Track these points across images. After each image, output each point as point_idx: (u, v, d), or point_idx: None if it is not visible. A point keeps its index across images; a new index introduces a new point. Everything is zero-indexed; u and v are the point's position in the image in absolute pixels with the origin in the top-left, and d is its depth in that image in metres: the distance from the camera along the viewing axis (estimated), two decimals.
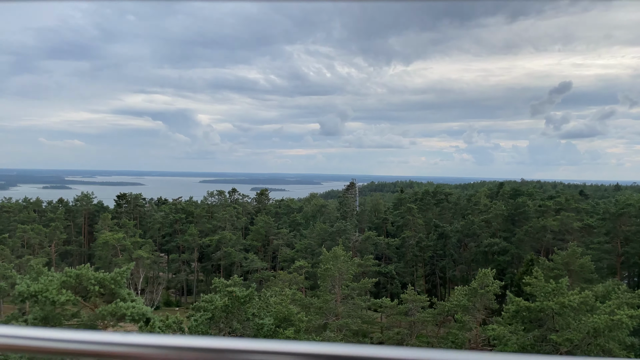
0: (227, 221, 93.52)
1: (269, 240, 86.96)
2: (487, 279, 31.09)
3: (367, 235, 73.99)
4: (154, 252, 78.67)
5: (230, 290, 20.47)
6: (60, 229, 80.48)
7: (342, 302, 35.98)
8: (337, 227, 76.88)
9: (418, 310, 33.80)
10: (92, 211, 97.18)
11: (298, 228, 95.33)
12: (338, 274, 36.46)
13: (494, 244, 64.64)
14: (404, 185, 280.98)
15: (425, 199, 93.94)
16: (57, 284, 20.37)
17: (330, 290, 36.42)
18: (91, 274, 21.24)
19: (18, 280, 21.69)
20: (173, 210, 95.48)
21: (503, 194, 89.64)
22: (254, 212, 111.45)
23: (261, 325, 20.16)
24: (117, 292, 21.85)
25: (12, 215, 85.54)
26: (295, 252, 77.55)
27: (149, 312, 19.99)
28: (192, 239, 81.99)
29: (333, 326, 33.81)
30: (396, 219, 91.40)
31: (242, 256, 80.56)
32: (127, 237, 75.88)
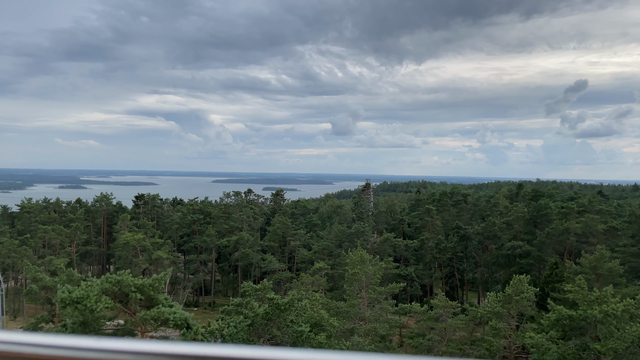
0: (244, 222, 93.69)
1: (286, 241, 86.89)
2: (522, 285, 30.51)
3: (385, 237, 73.50)
4: (172, 252, 79.07)
5: (271, 297, 20.30)
6: (81, 230, 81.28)
7: (369, 307, 35.67)
8: (355, 228, 76.53)
9: (449, 316, 33.30)
10: (111, 212, 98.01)
11: (314, 229, 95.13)
12: (365, 278, 36.16)
13: (517, 247, 63.75)
14: (416, 185, 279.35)
15: (443, 200, 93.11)
16: (97, 291, 20.37)
17: (356, 294, 36.12)
18: (131, 280, 21.22)
19: (59, 286, 21.74)
20: (191, 211, 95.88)
21: (524, 196, 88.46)
22: (269, 212, 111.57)
23: (300, 333, 19.96)
24: (155, 298, 21.82)
25: (33, 216, 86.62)
26: (313, 253, 77.38)
27: (189, 317, 19.91)
28: (210, 240, 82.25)
29: (360, 331, 33.52)
30: (414, 220, 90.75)
31: (260, 257, 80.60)
32: (146, 238, 76.34)
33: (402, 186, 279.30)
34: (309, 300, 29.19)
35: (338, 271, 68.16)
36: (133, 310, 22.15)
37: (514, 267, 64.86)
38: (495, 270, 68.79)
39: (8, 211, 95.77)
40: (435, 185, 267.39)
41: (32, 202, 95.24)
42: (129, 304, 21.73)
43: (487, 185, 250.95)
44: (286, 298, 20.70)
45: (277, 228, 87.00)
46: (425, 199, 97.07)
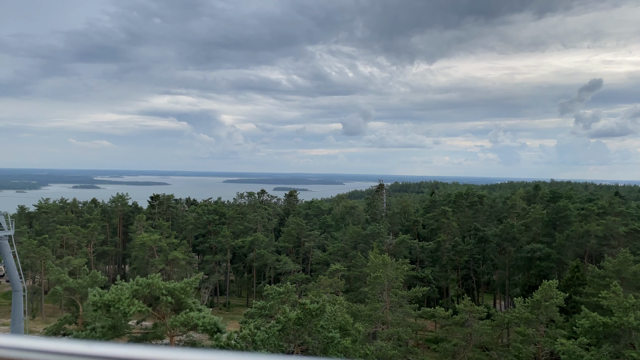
0: (259, 223, 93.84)
1: (301, 242, 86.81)
2: (552, 291, 29.93)
3: (401, 238, 72.98)
4: (188, 253, 79.39)
5: (303, 302, 20.14)
6: (98, 230, 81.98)
7: (391, 310, 35.32)
8: (371, 230, 76.11)
9: (475, 320, 32.79)
10: (126, 212, 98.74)
11: (329, 230, 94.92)
12: (387, 281, 35.80)
13: (536, 250, 62.86)
14: (428, 185, 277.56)
15: (458, 202, 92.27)
16: (128, 294, 20.36)
17: (377, 297, 35.81)
18: (162, 284, 21.19)
19: (90, 289, 21.80)
20: (205, 212, 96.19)
21: (541, 197, 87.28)
22: (283, 213, 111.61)
23: (331, 339, 19.72)
24: (184, 302, 21.77)
25: (51, 216, 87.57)
26: (328, 254, 77.12)
27: (219, 322, 19.81)
28: (225, 241, 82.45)
29: (383, 335, 33.21)
30: (429, 221, 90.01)
31: (275, 258, 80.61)
32: (162, 239, 76.75)
33: (413, 186, 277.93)
34: (333, 304, 28.95)
35: (354, 273, 67.88)
36: (162, 314, 22.13)
37: (533, 270, 64.01)
38: (513, 273, 67.91)
39: (26, 211, 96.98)
40: (447, 185, 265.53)
41: (49, 203, 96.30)
42: (158, 308, 21.72)
43: (500, 186, 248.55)
44: (317, 303, 20.52)
45: (292, 229, 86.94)
46: (441, 200, 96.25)
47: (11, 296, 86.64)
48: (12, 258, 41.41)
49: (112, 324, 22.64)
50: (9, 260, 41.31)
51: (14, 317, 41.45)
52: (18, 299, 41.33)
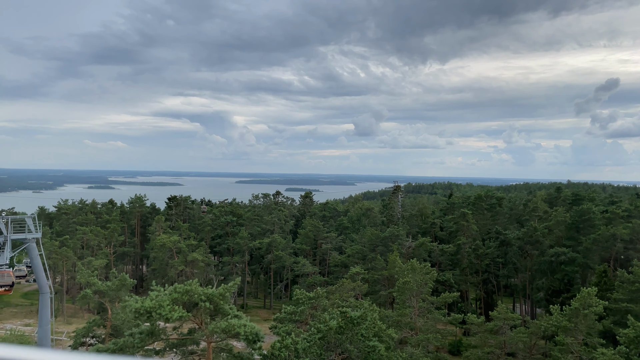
0: (276, 224, 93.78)
1: (317, 244, 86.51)
2: (591, 299, 29.14)
3: (421, 241, 72.26)
4: (207, 254, 79.55)
5: (344, 311, 19.81)
6: (118, 231, 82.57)
7: (420, 316, 34.80)
8: (390, 232, 75.51)
9: (508, 328, 32.12)
10: (144, 213, 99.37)
11: (345, 232, 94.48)
12: (417, 287, 35.30)
13: (561, 253, 61.74)
14: (442, 186, 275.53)
15: (478, 204, 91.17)
16: (168, 300, 20.21)
17: (407, 303, 35.31)
18: (200, 290, 21.01)
19: (128, 296, 21.68)
20: (222, 213, 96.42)
21: (564, 200, 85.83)
22: (299, 214, 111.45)
23: (372, 348, 19.34)
24: (222, 308, 21.56)
25: (71, 217, 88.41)
26: (347, 257, 76.67)
27: (260, 331, 19.56)
28: (243, 242, 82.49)
29: (413, 341, 32.71)
30: (448, 224, 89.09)
31: (293, 260, 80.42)
32: (181, 240, 77.02)
33: (427, 187, 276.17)
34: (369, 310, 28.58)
35: (374, 276, 67.38)
36: (200, 320, 21.95)
37: (557, 274, 62.87)
38: (536, 277, 66.78)
39: (45, 212, 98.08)
40: (461, 187, 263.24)
41: (68, 204, 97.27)
42: (197, 314, 21.55)
43: (516, 187, 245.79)
44: (359, 311, 20.17)
45: (309, 231, 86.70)
46: (459, 202, 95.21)
47: (30, 296, 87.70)
48: (39, 260, 41.69)
49: (150, 330, 22.53)
50: (37, 262, 41.59)
51: (41, 319, 41.69)
52: (45, 301, 41.56)
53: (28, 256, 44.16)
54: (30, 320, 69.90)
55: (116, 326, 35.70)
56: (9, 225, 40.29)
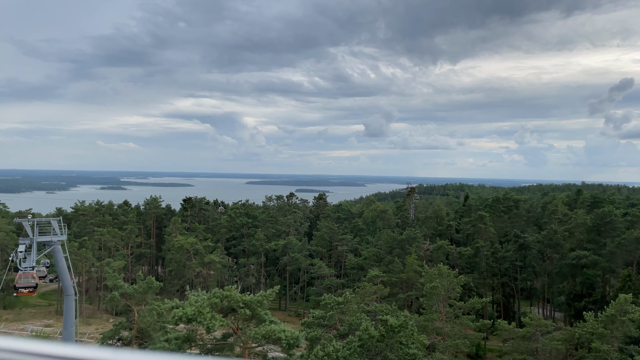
0: (291, 226, 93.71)
1: (333, 246, 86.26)
2: (627, 305, 28.54)
3: (439, 244, 71.71)
4: (223, 256, 79.70)
5: (384, 319, 19.59)
6: (135, 233, 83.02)
7: (448, 321, 34.41)
8: (407, 234, 75.05)
9: (541, 334, 31.57)
10: (159, 214, 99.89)
11: (360, 234, 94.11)
12: (444, 292, 34.95)
13: (582, 257, 60.86)
14: (454, 188, 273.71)
15: (495, 206, 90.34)
16: (207, 307, 20.11)
17: (434, 308, 34.94)
18: (238, 296, 20.89)
19: (165, 301, 21.63)
20: (237, 214, 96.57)
21: (582, 202, 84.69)
22: (312, 216, 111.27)
23: (412, 356, 19.08)
24: (258, 314, 21.42)
25: (88, 218, 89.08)
26: (363, 259, 76.32)
27: (300, 337, 19.40)
28: (259, 244, 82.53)
29: (441, 347, 32.35)
30: (465, 226, 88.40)
31: (309, 262, 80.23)
32: (198, 242, 77.20)
33: (438, 189, 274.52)
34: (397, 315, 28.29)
35: (392, 278, 66.94)
36: (236, 326, 21.82)
37: (578, 277, 62.00)
38: (557, 281, 65.95)
39: (63, 213, 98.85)
40: (473, 188, 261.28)
41: (84, 205, 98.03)
42: (234, 320, 21.42)
43: (529, 189, 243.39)
44: (399, 319, 19.94)
45: (324, 233, 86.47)
46: (476, 204, 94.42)
47: (48, 297, 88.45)
48: (64, 262, 41.94)
49: (186, 336, 22.46)
50: (62, 264, 41.85)
51: (66, 320, 41.95)
52: (70, 303, 41.80)
53: (52, 258, 44.48)
54: (50, 321, 70.50)
55: (142, 329, 35.78)
56: (34, 227, 40.60)
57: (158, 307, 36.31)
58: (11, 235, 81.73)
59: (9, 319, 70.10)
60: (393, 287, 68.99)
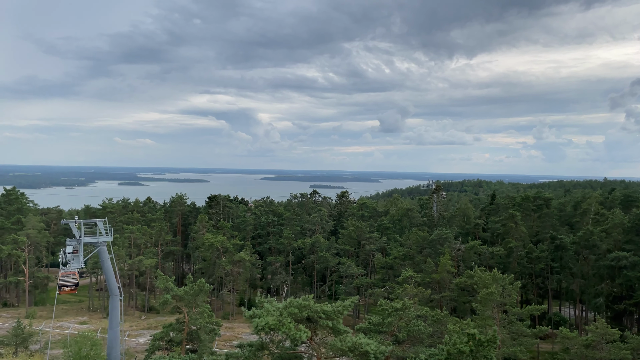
0: (317, 224, 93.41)
1: (361, 244, 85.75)
2: None
3: (472, 244, 70.75)
4: (252, 254, 79.76)
5: (472, 333, 19.06)
6: (165, 230, 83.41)
7: (502, 328, 33.72)
8: (438, 234, 74.17)
9: (605, 343, 30.78)
10: (185, 212, 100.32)
11: (386, 232, 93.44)
12: (500, 298, 34.24)
13: (622, 258, 59.53)
14: (471, 184, 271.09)
15: (524, 205, 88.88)
16: (288, 317, 19.76)
17: (488, 314, 34.26)
18: (317, 306, 20.51)
19: (244, 309, 21.37)
20: (263, 212, 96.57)
21: (612, 200, 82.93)
22: (336, 214, 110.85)
23: None
24: (335, 325, 21.03)
25: (117, 216, 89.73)
26: (393, 259, 75.65)
27: (386, 351, 18.95)
28: (287, 242, 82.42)
29: (498, 354, 31.73)
30: (494, 225, 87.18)
31: (337, 261, 79.88)
32: (226, 240, 77.28)
33: (456, 185, 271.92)
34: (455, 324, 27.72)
35: (425, 279, 66.22)
36: (312, 336, 21.45)
37: (618, 279, 60.70)
38: (594, 282, 64.68)
39: (91, 210, 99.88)
40: (491, 184, 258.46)
41: (112, 202, 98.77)
42: (313, 330, 21.06)
43: (549, 185, 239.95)
44: (489, 334, 19.39)
45: (351, 231, 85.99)
46: (504, 202, 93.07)
47: (78, 293, 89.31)
48: (109, 263, 42.05)
49: (259, 344, 22.20)
50: (107, 265, 41.97)
51: (111, 321, 42.11)
52: (115, 303, 41.94)
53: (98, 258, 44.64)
54: (83, 318, 71.26)
55: (192, 331, 35.74)
56: (81, 229, 40.73)
57: (208, 309, 36.25)
58: (43, 233, 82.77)
59: (43, 315, 70.99)
60: (425, 287, 68.34)
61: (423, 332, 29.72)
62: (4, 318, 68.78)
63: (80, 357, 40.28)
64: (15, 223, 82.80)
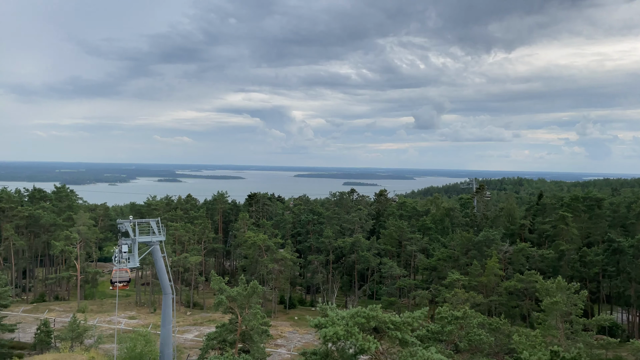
0: (357, 223, 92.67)
1: (402, 245, 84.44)
2: None
3: (520, 246, 68.30)
4: (292, 252, 79.91)
5: (555, 350, 18.04)
6: (208, 228, 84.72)
7: (567, 338, 32.10)
8: (484, 236, 71.96)
9: None
10: (225, 209, 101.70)
11: (428, 232, 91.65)
12: (566, 308, 32.66)
13: None
14: (511, 182, 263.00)
15: (574, 205, 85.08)
16: (355, 327, 19.24)
17: (552, 324, 32.75)
18: (386, 317, 19.91)
19: (309, 318, 21.03)
20: (302, 211, 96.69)
21: None
22: (374, 213, 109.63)
23: None
24: (404, 337, 20.36)
25: (161, 213, 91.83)
26: (437, 260, 74.01)
27: None
28: (328, 241, 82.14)
29: None
30: (542, 226, 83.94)
31: (379, 261, 78.94)
32: (267, 238, 77.68)
33: (494, 183, 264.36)
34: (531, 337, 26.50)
35: (471, 282, 64.43)
36: (377, 351, 20.83)
37: None
38: None
39: (136, 207, 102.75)
40: (532, 182, 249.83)
41: (156, 200, 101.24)
42: (380, 340, 20.46)
43: (594, 183, 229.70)
44: (573, 352, 18.32)
45: (392, 231, 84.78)
46: (552, 202, 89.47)
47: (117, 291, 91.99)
48: (162, 262, 42.92)
49: (325, 352, 21.80)
50: (160, 264, 42.85)
51: (164, 318, 43.01)
52: (168, 301, 42.78)
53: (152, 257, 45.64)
54: (132, 312, 73.38)
55: (245, 332, 35.86)
56: (136, 228, 41.65)
57: (260, 310, 36.32)
58: (93, 229, 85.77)
59: (93, 310, 73.53)
60: (472, 291, 66.49)
61: (485, 342, 28.62)
62: (57, 312, 71.63)
63: (134, 353, 41.31)
64: (66, 220, 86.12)
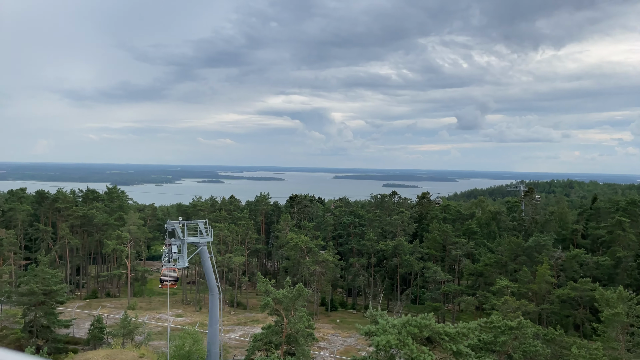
0: (399, 226, 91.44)
1: (446, 249, 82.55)
2: None
3: (574, 253, 65.12)
4: (334, 255, 79.85)
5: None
6: (252, 229, 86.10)
7: (628, 351, 30.26)
8: (534, 241, 69.19)
9: None
10: (268, 210, 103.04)
11: (473, 237, 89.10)
12: (627, 319, 30.83)
13: None
14: (561, 185, 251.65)
15: (630, 209, 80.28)
16: (407, 337, 18.84)
17: (613, 336, 30.99)
18: (440, 327, 19.41)
19: (358, 326, 20.80)
20: (343, 213, 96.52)
21: None
22: (417, 216, 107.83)
23: None
24: (459, 349, 19.75)
25: (206, 214, 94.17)
26: (483, 266, 71.82)
27: None
28: (370, 244, 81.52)
29: None
30: (596, 231, 79.79)
31: (422, 265, 77.53)
32: (309, 240, 77.99)
33: (543, 185, 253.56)
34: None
35: (520, 289, 62.04)
36: None
37: None
38: None
39: (182, 208, 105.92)
40: (583, 184, 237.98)
41: (201, 201, 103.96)
42: (433, 350, 19.95)
43: None
44: None
45: (436, 235, 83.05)
46: (607, 207, 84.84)
47: (156, 290, 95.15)
48: (209, 263, 43.95)
49: (375, 359, 21.49)
50: (208, 264, 43.90)
51: (211, 318, 44.05)
52: (214, 301, 43.77)
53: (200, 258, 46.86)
54: (179, 310, 75.65)
55: (290, 334, 36.07)
56: (184, 229, 42.85)
57: (306, 313, 36.43)
58: (142, 229, 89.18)
59: (142, 307, 76.36)
60: (521, 298, 64.04)
61: (541, 354, 27.40)
62: (108, 308, 74.90)
63: (183, 352, 42.53)
64: (118, 219, 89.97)
